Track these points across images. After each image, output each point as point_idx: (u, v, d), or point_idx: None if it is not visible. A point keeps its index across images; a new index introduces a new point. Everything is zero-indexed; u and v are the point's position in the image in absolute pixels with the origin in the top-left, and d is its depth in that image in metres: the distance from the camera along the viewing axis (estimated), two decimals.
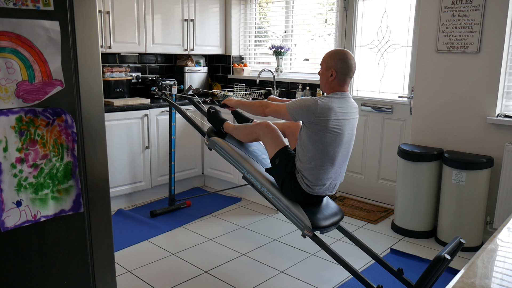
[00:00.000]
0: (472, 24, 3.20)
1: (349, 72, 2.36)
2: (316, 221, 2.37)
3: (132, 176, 3.91)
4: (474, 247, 3.17)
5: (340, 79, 2.36)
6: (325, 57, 2.40)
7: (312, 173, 2.37)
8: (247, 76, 4.89)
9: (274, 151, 2.51)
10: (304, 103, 2.28)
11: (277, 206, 2.52)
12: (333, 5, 4.30)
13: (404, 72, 3.91)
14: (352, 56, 2.38)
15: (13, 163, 1.42)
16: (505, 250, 1.21)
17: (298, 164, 2.42)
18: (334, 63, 2.34)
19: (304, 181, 2.40)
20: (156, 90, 3.59)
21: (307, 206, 2.46)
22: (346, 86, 2.39)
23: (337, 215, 2.51)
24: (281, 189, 2.49)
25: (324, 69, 2.39)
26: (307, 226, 2.35)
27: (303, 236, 2.41)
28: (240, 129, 2.71)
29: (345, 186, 4.43)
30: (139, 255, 3.05)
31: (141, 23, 4.09)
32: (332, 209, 2.55)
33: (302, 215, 2.38)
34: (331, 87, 2.38)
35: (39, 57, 1.43)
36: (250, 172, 2.60)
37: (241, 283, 2.70)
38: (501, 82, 3.17)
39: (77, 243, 1.63)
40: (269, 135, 2.54)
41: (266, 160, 2.73)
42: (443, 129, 3.47)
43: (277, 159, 2.48)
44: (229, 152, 2.70)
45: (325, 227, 2.40)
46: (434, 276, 2.09)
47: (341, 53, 2.36)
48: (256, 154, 2.79)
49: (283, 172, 2.46)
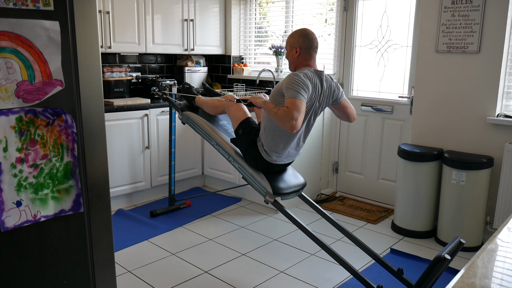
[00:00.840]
0: (472, 24, 3.20)
1: (312, 45, 2.49)
2: (277, 188, 2.53)
3: (132, 176, 3.91)
4: (474, 247, 3.17)
5: (305, 53, 2.48)
6: (287, 38, 2.56)
7: (271, 141, 2.51)
8: (247, 76, 4.89)
9: (238, 122, 2.68)
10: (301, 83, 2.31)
11: (242, 174, 2.70)
12: (333, 5, 4.30)
13: (404, 72, 3.91)
14: (312, 32, 2.52)
15: (13, 163, 1.42)
16: (505, 250, 1.21)
17: (261, 133, 2.56)
18: (296, 41, 2.48)
19: (264, 148, 2.54)
20: (156, 90, 3.59)
21: (270, 174, 2.62)
22: (312, 61, 2.51)
23: (299, 184, 2.67)
24: (244, 157, 2.66)
25: (289, 49, 2.54)
26: (269, 192, 2.52)
27: (265, 202, 2.57)
28: (208, 102, 2.95)
29: (345, 186, 4.43)
30: (139, 255, 3.05)
31: (141, 23, 4.09)
32: (295, 178, 2.71)
33: (264, 181, 2.55)
34: (298, 63, 2.51)
35: (39, 57, 1.43)
36: (219, 144, 2.80)
37: (241, 283, 2.70)
38: (501, 82, 3.17)
39: (77, 243, 1.63)
40: (233, 108, 2.73)
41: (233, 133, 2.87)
42: (443, 129, 3.47)
43: (240, 130, 2.66)
44: (200, 125, 2.94)
45: (286, 194, 2.57)
46: (434, 276, 2.09)
47: (301, 30, 2.51)
48: (226, 127, 3.00)
49: (245, 142, 2.62)
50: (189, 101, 3.15)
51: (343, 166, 4.42)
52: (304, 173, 3.91)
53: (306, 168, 4.06)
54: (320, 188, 4.39)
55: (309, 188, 4.17)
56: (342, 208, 4.02)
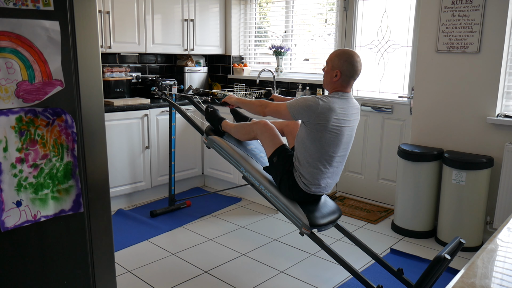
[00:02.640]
0: (472, 24, 3.20)
1: (354, 75, 2.35)
2: (314, 219, 2.38)
3: (132, 176, 3.91)
4: (474, 247, 3.17)
5: (344, 81, 2.34)
6: (332, 55, 2.38)
7: (309, 172, 2.38)
8: (247, 76, 4.89)
9: (272, 149, 2.51)
10: (305, 103, 2.28)
11: (275, 204, 2.53)
12: (333, 5, 4.30)
13: (404, 72, 3.91)
14: (359, 59, 2.35)
15: (13, 163, 1.42)
16: (505, 250, 1.21)
17: (296, 163, 2.42)
18: (340, 64, 2.32)
19: (301, 180, 2.41)
20: (156, 90, 3.59)
21: (304, 204, 2.47)
22: (349, 88, 2.39)
23: (335, 214, 2.52)
24: (279, 187, 2.50)
25: (330, 68, 2.37)
26: (305, 224, 2.36)
27: (301, 234, 2.42)
28: (238, 127, 2.72)
29: (345, 186, 4.43)
30: (139, 255, 3.05)
31: (141, 23, 4.09)
32: (330, 207, 2.56)
33: (300, 213, 2.39)
34: (334, 87, 2.37)
35: (39, 57, 1.43)
36: (248, 171, 2.60)
37: (241, 283, 2.70)
38: (501, 82, 3.17)
39: (77, 243, 1.63)
40: (266, 134, 2.54)
41: (264, 159, 2.73)
42: (443, 129, 3.47)
43: (275, 158, 2.49)
44: (228, 150, 2.71)
45: (323, 225, 2.41)
46: (434, 276, 2.09)
47: (349, 55, 2.33)
48: (254, 152, 2.79)
49: (281, 171, 2.46)
50: (214, 125, 2.87)
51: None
52: None
53: None
54: None
55: None
56: (342, 208, 4.01)
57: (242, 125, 2.70)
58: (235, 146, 2.74)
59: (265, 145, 2.56)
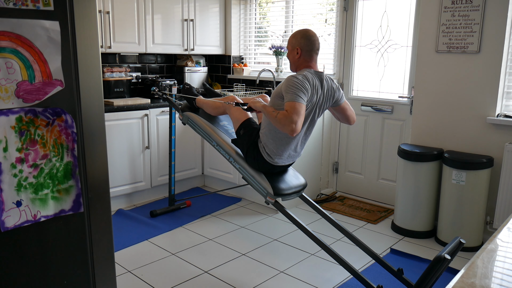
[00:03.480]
0: (472, 24, 3.20)
1: (313, 47, 2.48)
2: (278, 189, 2.53)
3: (132, 176, 3.91)
4: (474, 247, 3.17)
5: (306, 55, 2.48)
6: (289, 38, 2.54)
7: (273, 143, 2.50)
8: (247, 76, 4.89)
9: (239, 123, 2.68)
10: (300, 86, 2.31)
11: (243, 175, 2.69)
12: (333, 5, 4.30)
13: (404, 72, 3.91)
14: (314, 33, 2.51)
15: (13, 163, 1.42)
16: (505, 250, 1.21)
17: (262, 134, 2.55)
18: (298, 42, 2.48)
19: (265, 151, 2.54)
20: (156, 90, 3.59)
21: (270, 175, 2.62)
22: (313, 63, 2.51)
23: (300, 185, 2.67)
24: (245, 158, 2.65)
25: (290, 49, 2.53)
26: (270, 193, 2.51)
27: (266, 203, 2.58)
28: (210, 103, 2.95)
29: (345, 186, 4.43)
30: (139, 255, 3.05)
31: (141, 23, 4.09)
32: (296, 179, 2.70)
33: (265, 182, 2.55)
34: (299, 64, 2.51)
35: (39, 57, 1.43)
36: (219, 144, 2.80)
37: (241, 283, 2.70)
38: (501, 82, 3.17)
39: (77, 243, 1.63)
40: (234, 108, 2.72)
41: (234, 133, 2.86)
42: (443, 129, 3.47)
43: (242, 130, 2.65)
44: (201, 125, 2.93)
45: (287, 195, 2.57)
46: (434, 276, 2.09)
47: (303, 31, 2.51)
48: (226, 128, 2.99)
49: (247, 142, 2.61)
50: (189, 102, 3.15)
51: (343, 166, 4.42)
52: (304, 173, 3.91)
53: (306, 168, 4.06)
54: (320, 188, 4.39)
55: (309, 188, 4.17)
56: (342, 208, 4.01)
57: (213, 100, 2.93)
58: (208, 122, 2.95)
59: (233, 118, 2.74)
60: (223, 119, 3.10)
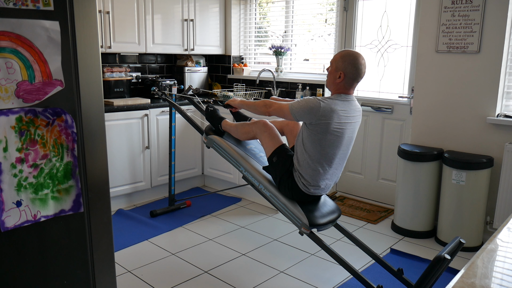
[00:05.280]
0: (472, 24, 3.20)
1: (358, 77, 2.32)
2: (313, 219, 2.39)
3: (132, 176, 3.91)
4: (474, 247, 3.17)
5: (347, 83, 2.32)
6: (336, 56, 2.36)
7: (309, 173, 2.38)
8: (247, 76, 4.89)
9: (272, 149, 2.50)
10: (307, 104, 2.26)
11: (275, 204, 2.53)
12: (333, 5, 4.30)
13: (404, 72, 3.91)
14: (364, 62, 2.33)
15: (13, 163, 1.42)
16: (505, 250, 1.21)
17: (296, 163, 2.42)
18: (344, 66, 2.29)
19: (301, 180, 2.40)
20: (156, 90, 3.59)
21: (304, 204, 2.47)
22: (352, 90, 2.37)
23: (334, 213, 2.53)
24: (278, 187, 2.50)
25: (334, 69, 2.35)
26: (305, 224, 2.37)
27: (300, 233, 2.42)
28: (238, 127, 2.72)
29: (345, 186, 4.43)
30: (139, 255, 3.05)
31: (141, 23, 4.09)
32: (329, 207, 2.56)
33: (299, 213, 2.40)
34: (337, 88, 2.36)
35: (39, 57, 1.43)
36: (248, 170, 2.60)
37: (241, 283, 2.70)
38: (501, 82, 3.17)
39: (77, 243, 1.63)
40: (266, 133, 2.54)
41: (263, 158, 2.73)
42: (443, 129, 3.47)
43: (275, 158, 2.48)
44: (227, 150, 2.71)
45: (322, 225, 2.42)
46: (434, 276, 2.09)
47: (354, 57, 2.31)
48: (254, 152, 2.79)
49: (280, 170, 2.46)
50: (214, 125, 2.87)
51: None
52: None
53: None
54: None
55: None
56: (342, 208, 4.01)
57: (242, 125, 2.70)
58: (234, 145, 2.74)
59: (265, 144, 2.55)
60: (250, 143, 2.88)
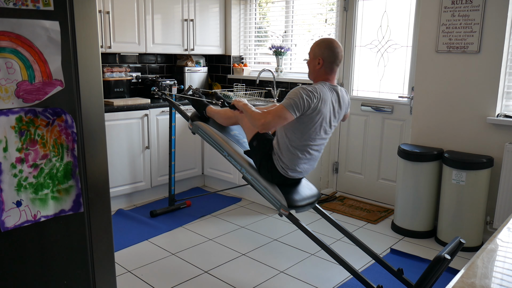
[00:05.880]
0: (472, 24, 3.20)
1: (336, 60, 2.40)
2: (292, 201, 2.48)
3: (132, 176, 3.91)
4: (474, 247, 3.17)
5: (327, 67, 2.41)
6: (312, 46, 2.46)
7: (288, 157, 2.46)
8: (247, 76, 4.89)
9: (252, 134, 2.60)
10: (302, 95, 2.27)
11: (255, 187, 2.63)
12: (333, 5, 4.30)
13: (404, 72, 3.91)
14: (339, 45, 2.42)
15: (13, 163, 1.42)
16: (505, 250, 1.21)
17: (276, 147, 2.51)
18: (321, 52, 2.39)
19: (279, 164, 2.49)
20: (156, 90, 3.59)
21: (284, 187, 2.57)
22: (333, 75, 2.44)
23: (314, 196, 2.62)
24: (259, 170, 2.59)
25: (312, 57, 2.45)
26: (283, 205, 2.46)
27: (279, 215, 2.51)
28: (221, 113, 2.85)
29: (345, 186, 4.43)
30: (139, 255, 3.05)
31: (141, 23, 4.09)
32: (309, 190, 2.65)
33: (278, 194, 2.49)
34: (318, 75, 2.44)
35: (39, 57, 1.43)
36: (231, 155, 2.73)
37: (241, 283, 2.70)
38: (501, 82, 3.17)
39: (77, 243, 1.63)
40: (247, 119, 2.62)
41: (246, 144, 2.82)
42: (443, 129, 3.47)
43: (255, 142, 2.58)
44: (211, 135, 2.84)
45: (301, 207, 2.51)
46: (434, 276, 2.09)
47: (328, 42, 2.41)
48: (237, 138, 2.92)
49: (260, 154, 2.56)
50: (199, 111, 3.01)
51: (343, 166, 4.42)
52: None
53: None
54: (320, 188, 4.39)
55: None
56: (342, 208, 4.02)
57: (225, 110, 2.83)
58: (218, 131, 2.87)
59: (246, 129, 2.66)
60: (234, 129, 3.00)
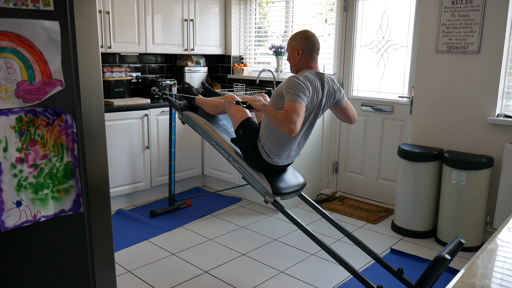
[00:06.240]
0: (472, 24, 3.20)
1: (314, 47, 2.49)
2: (277, 188, 2.54)
3: (132, 176, 3.91)
4: (474, 247, 3.17)
5: (307, 55, 2.48)
6: (289, 41, 2.54)
7: (274, 143, 2.51)
8: (247, 76, 4.89)
9: (238, 122, 2.68)
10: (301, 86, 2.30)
11: (242, 174, 2.70)
12: (333, 5, 4.30)
13: (404, 72, 3.91)
14: (313, 33, 2.52)
15: (13, 163, 1.42)
16: (505, 250, 1.21)
17: (261, 133, 2.56)
18: (298, 42, 2.48)
19: (264, 150, 2.55)
20: (156, 90, 3.59)
21: (270, 175, 2.63)
22: (314, 63, 2.51)
23: (299, 185, 2.67)
24: (245, 158, 2.66)
25: (290, 51, 2.53)
26: (269, 192, 2.52)
27: (265, 202, 2.58)
28: (209, 102, 2.96)
29: (345, 186, 4.43)
30: (139, 255, 3.05)
31: (141, 23, 4.09)
32: (295, 179, 2.71)
33: (264, 181, 2.55)
34: (300, 65, 2.51)
35: (39, 57, 1.43)
36: (218, 143, 2.80)
37: (241, 283, 2.70)
38: (501, 82, 3.17)
39: (77, 243, 1.63)
40: (233, 107, 2.72)
41: (233, 133, 2.87)
42: (443, 129, 3.47)
43: (241, 130, 2.65)
44: (200, 125, 2.94)
45: (286, 194, 2.57)
46: (434, 276, 2.09)
47: (302, 32, 2.51)
48: (225, 127, 3.00)
49: (246, 142, 2.62)
50: (189, 101, 3.16)
51: (343, 166, 4.42)
52: (304, 173, 3.91)
53: (306, 168, 4.06)
54: (320, 188, 4.39)
55: (309, 188, 4.17)
56: (342, 208, 4.02)
57: (213, 100, 2.93)
58: (207, 121, 2.96)
59: (232, 118, 2.74)
60: (222, 119, 3.11)
